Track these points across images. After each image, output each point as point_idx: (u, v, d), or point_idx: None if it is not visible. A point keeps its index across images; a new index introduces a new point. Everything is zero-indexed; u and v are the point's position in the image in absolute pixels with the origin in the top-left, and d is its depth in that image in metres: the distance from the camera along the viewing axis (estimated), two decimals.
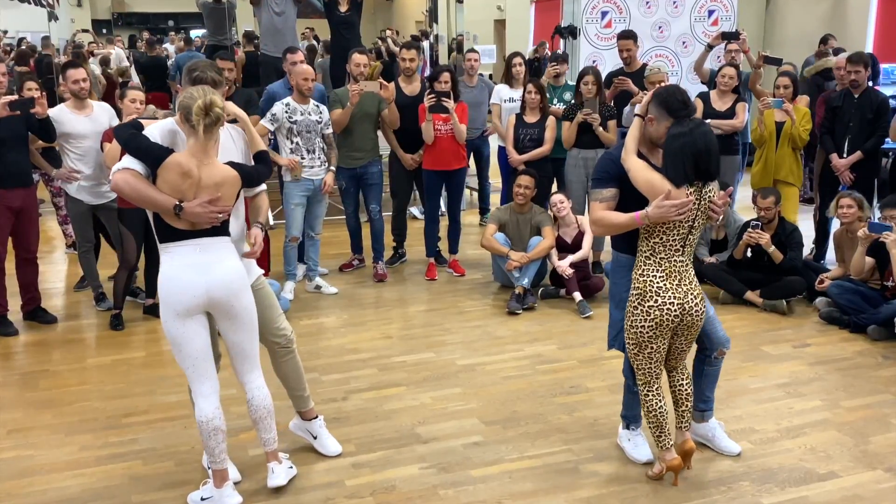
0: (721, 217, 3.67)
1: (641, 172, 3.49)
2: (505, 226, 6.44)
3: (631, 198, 3.54)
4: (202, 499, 3.56)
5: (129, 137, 3.31)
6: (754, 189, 6.41)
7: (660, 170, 3.51)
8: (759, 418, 4.37)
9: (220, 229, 3.41)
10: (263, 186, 3.77)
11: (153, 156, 3.27)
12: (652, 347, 3.60)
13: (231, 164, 3.46)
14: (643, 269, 3.55)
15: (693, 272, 3.63)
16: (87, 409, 4.53)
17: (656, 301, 3.50)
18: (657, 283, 3.51)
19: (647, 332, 3.56)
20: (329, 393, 4.65)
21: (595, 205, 3.64)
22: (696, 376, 3.91)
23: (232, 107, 3.67)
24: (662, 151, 3.51)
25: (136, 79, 12.98)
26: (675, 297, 3.51)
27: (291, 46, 7.04)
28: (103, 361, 5.19)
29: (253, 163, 3.64)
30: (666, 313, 3.51)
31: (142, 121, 3.52)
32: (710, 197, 3.56)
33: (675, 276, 3.53)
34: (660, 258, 3.52)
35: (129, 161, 3.28)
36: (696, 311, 3.58)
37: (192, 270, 3.32)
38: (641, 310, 3.54)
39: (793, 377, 4.91)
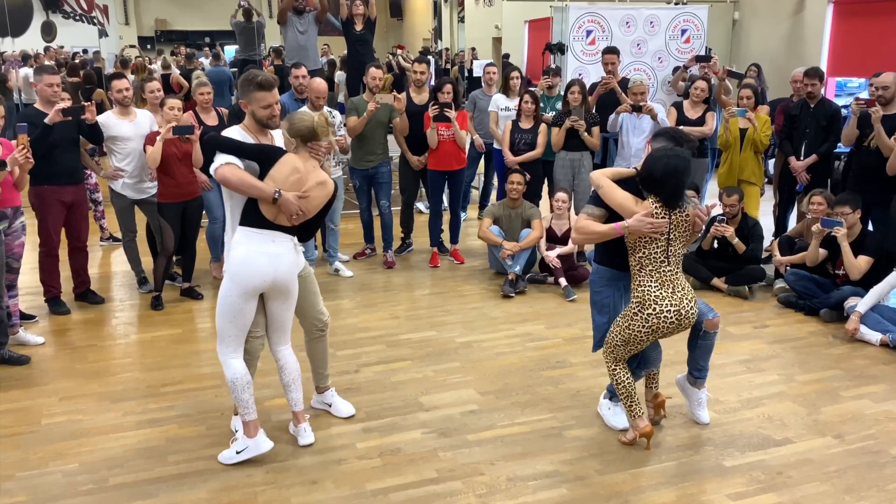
0: (704, 225, 3.64)
1: (612, 191, 3.50)
2: (499, 219, 6.42)
3: (615, 221, 3.52)
4: (237, 452, 3.55)
5: (238, 145, 3.39)
6: (720, 188, 6.39)
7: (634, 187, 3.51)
8: (723, 391, 4.36)
9: (291, 230, 3.47)
10: None
11: (268, 154, 3.39)
12: (638, 347, 3.58)
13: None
14: (639, 280, 3.50)
15: (684, 280, 3.57)
16: (129, 379, 4.53)
17: (655, 310, 3.45)
18: (654, 291, 3.46)
19: (641, 336, 3.52)
20: (343, 366, 4.65)
21: (581, 216, 3.62)
22: (689, 349, 3.88)
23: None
24: (644, 164, 3.48)
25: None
26: (671, 305, 3.45)
27: (296, 62, 7.00)
28: (144, 337, 5.19)
29: None
30: (663, 321, 3.46)
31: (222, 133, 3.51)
32: (686, 214, 3.51)
33: (669, 285, 3.48)
34: (649, 269, 3.47)
35: (226, 157, 3.36)
36: (692, 314, 3.53)
37: (264, 258, 3.40)
38: (641, 317, 3.49)
39: (753, 354, 4.89)
